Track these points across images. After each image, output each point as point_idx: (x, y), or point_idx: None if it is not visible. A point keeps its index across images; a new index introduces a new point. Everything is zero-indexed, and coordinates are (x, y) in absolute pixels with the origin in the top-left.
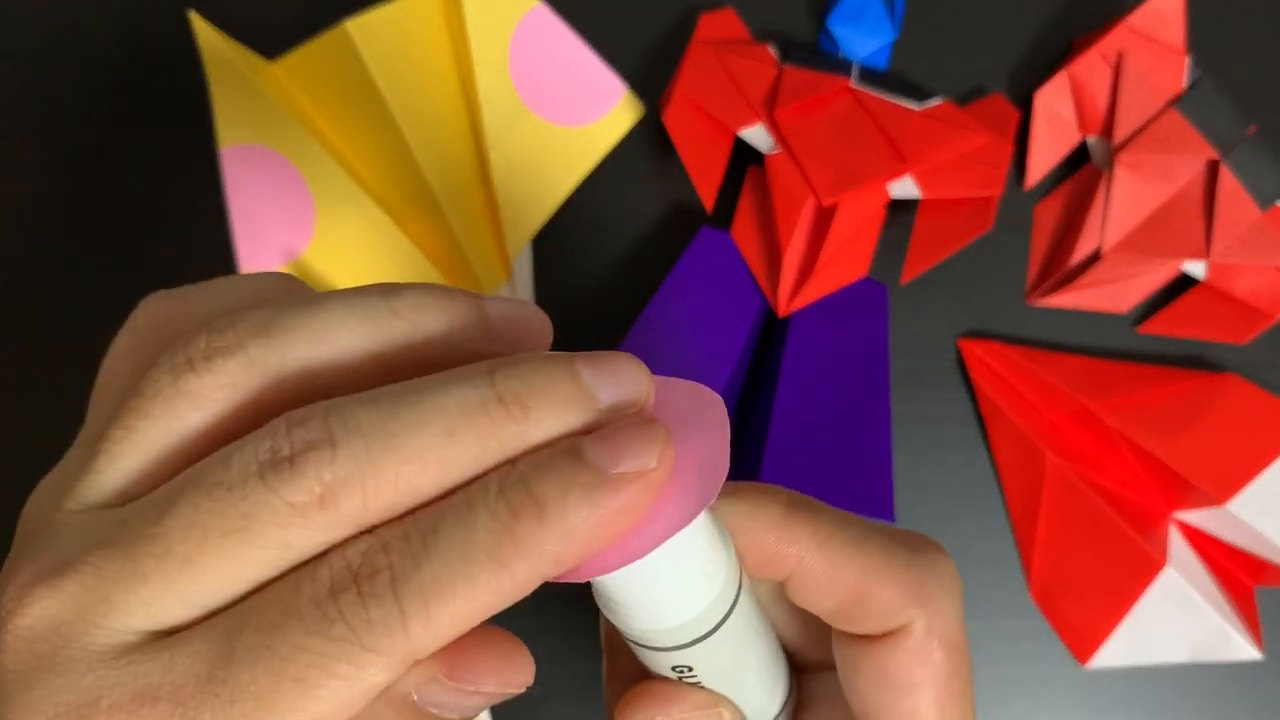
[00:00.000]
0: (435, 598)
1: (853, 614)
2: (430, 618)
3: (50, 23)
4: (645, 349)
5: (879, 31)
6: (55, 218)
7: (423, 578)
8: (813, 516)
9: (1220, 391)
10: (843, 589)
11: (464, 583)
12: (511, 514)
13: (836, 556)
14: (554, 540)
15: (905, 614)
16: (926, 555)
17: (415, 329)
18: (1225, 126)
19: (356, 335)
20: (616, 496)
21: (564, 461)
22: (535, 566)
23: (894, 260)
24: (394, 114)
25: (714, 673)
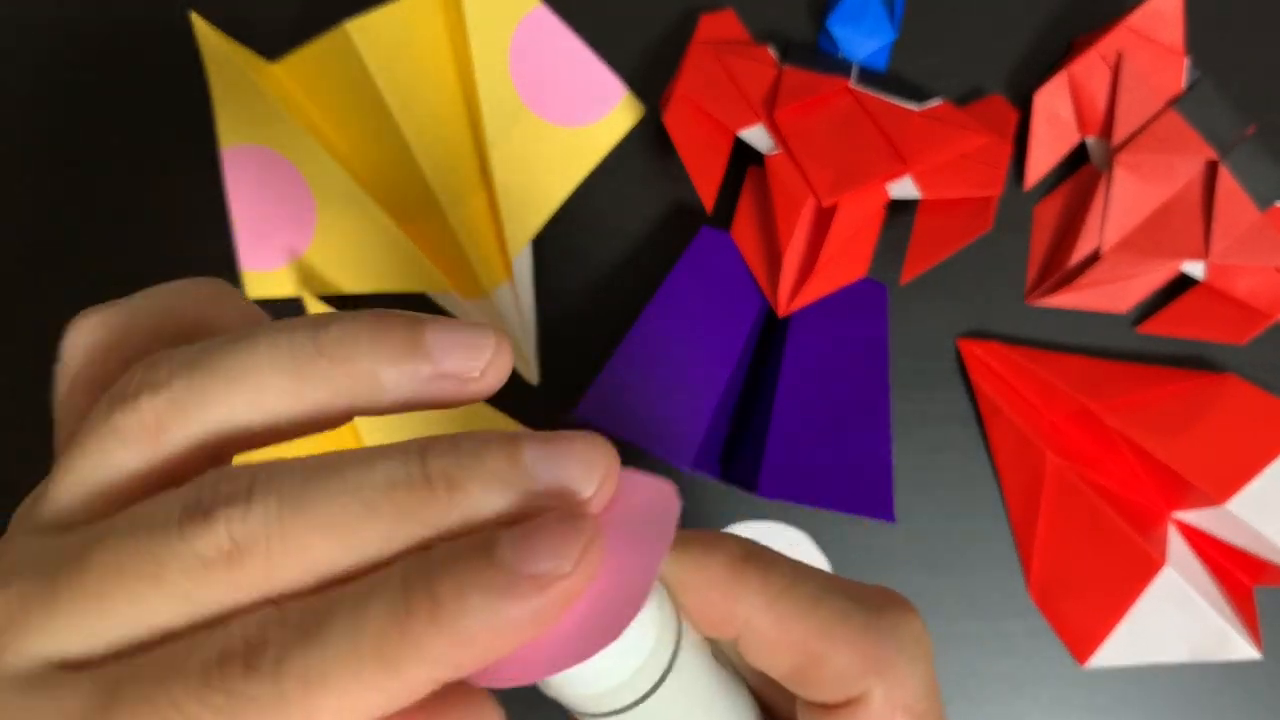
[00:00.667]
0: (317, 686)
1: (807, 679)
2: (310, 707)
3: (50, 23)
4: (645, 349)
5: (878, 32)
6: (55, 218)
7: (308, 662)
8: (763, 571)
9: (1219, 392)
10: (794, 652)
11: (348, 676)
12: (406, 610)
13: (786, 616)
14: (446, 645)
15: (862, 683)
16: (889, 617)
17: (339, 365)
18: (1224, 127)
19: (279, 374)
20: (522, 603)
21: (471, 556)
22: (428, 671)
23: (894, 260)
24: (394, 114)
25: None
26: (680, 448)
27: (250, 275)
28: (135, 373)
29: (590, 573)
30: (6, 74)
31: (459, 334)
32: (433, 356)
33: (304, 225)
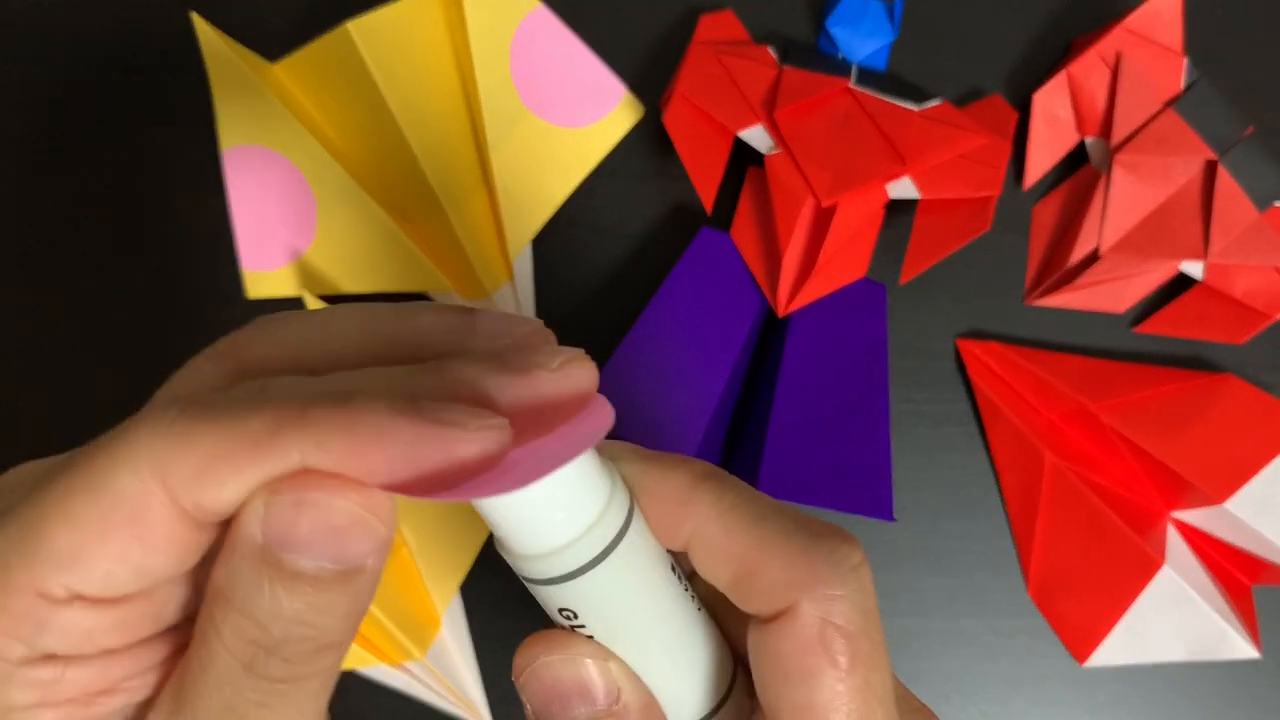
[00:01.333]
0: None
1: (744, 590)
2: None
3: (50, 23)
4: (645, 349)
5: (878, 33)
6: (55, 218)
7: (212, 400)
8: (719, 488)
9: (1218, 391)
10: (735, 563)
11: (237, 419)
12: (321, 394)
13: (732, 529)
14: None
15: (791, 594)
16: (829, 542)
17: (404, 322)
18: (1223, 127)
19: (347, 320)
20: (413, 422)
21: (394, 388)
22: (301, 440)
23: (893, 260)
24: (395, 114)
25: (597, 622)
26: (680, 447)
27: (250, 275)
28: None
29: (488, 442)
30: (5, 74)
31: (506, 318)
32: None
33: (304, 225)
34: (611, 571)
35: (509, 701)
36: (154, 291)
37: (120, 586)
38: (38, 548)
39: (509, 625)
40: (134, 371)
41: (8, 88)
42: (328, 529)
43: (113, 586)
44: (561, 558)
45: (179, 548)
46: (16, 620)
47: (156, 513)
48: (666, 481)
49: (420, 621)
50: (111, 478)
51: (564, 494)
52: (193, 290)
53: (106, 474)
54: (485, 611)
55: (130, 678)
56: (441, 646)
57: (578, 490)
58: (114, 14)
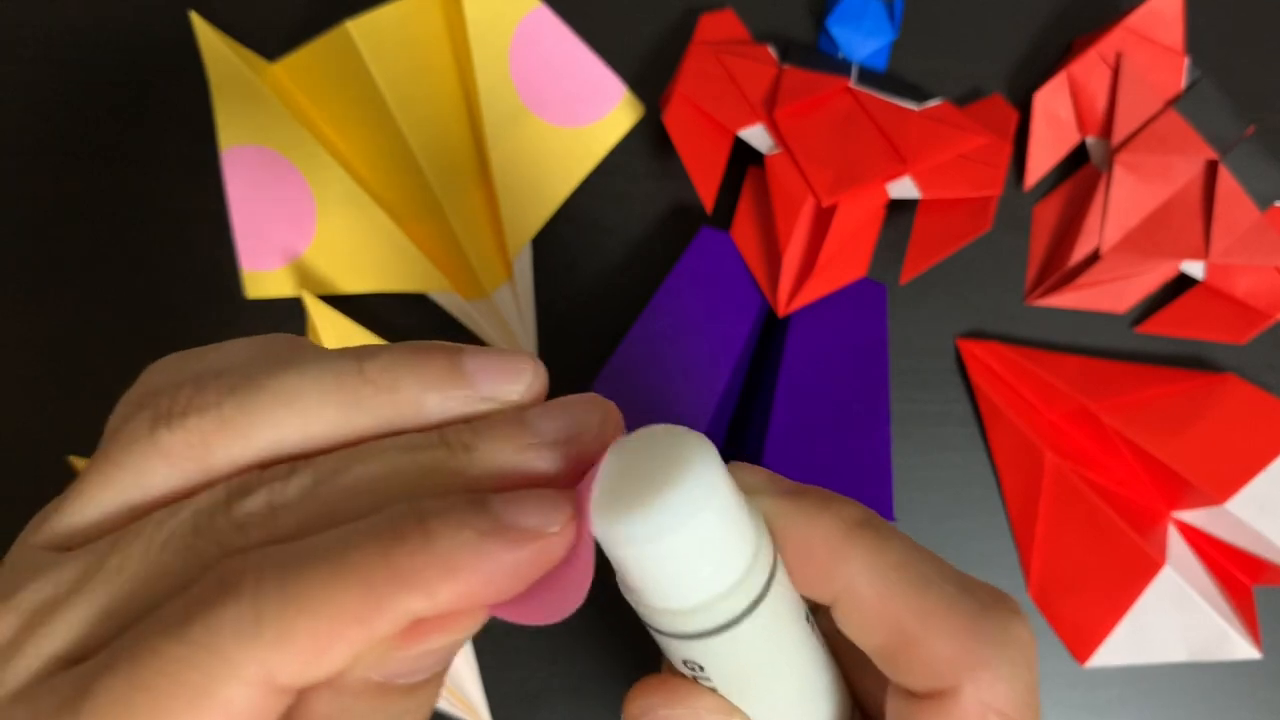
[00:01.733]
0: (295, 609)
1: (898, 660)
2: (287, 632)
3: (50, 24)
4: (645, 349)
5: (878, 32)
6: (55, 218)
7: (285, 585)
8: (878, 541)
9: (1219, 391)
10: (890, 629)
11: (328, 601)
12: (395, 537)
13: (891, 590)
14: (432, 574)
15: (953, 676)
16: (996, 616)
17: (384, 393)
18: (1224, 127)
19: (325, 399)
20: (507, 548)
21: (463, 504)
22: (407, 601)
23: (894, 260)
24: (394, 114)
25: (727, 679)
26: None
27: (250, 275)
28: (182, 391)
29: (570, 536)
30: (5, 74)
31: (497, 359)
32: (473, 382)
33: (304, 225)
34: (749, 632)
35: (509, 702)
36: (153, 291)
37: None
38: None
39: (509, 625)
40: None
41: (7, 87)
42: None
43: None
44: (698, 616)
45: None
46: None
47: (265, 714)
48: (814, 527)
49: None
50: (216, 697)
51: (710, 549)
52: (192, 290)
53: (209, 693)
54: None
55: None
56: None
57: (724, 546)
58: (114, 14)
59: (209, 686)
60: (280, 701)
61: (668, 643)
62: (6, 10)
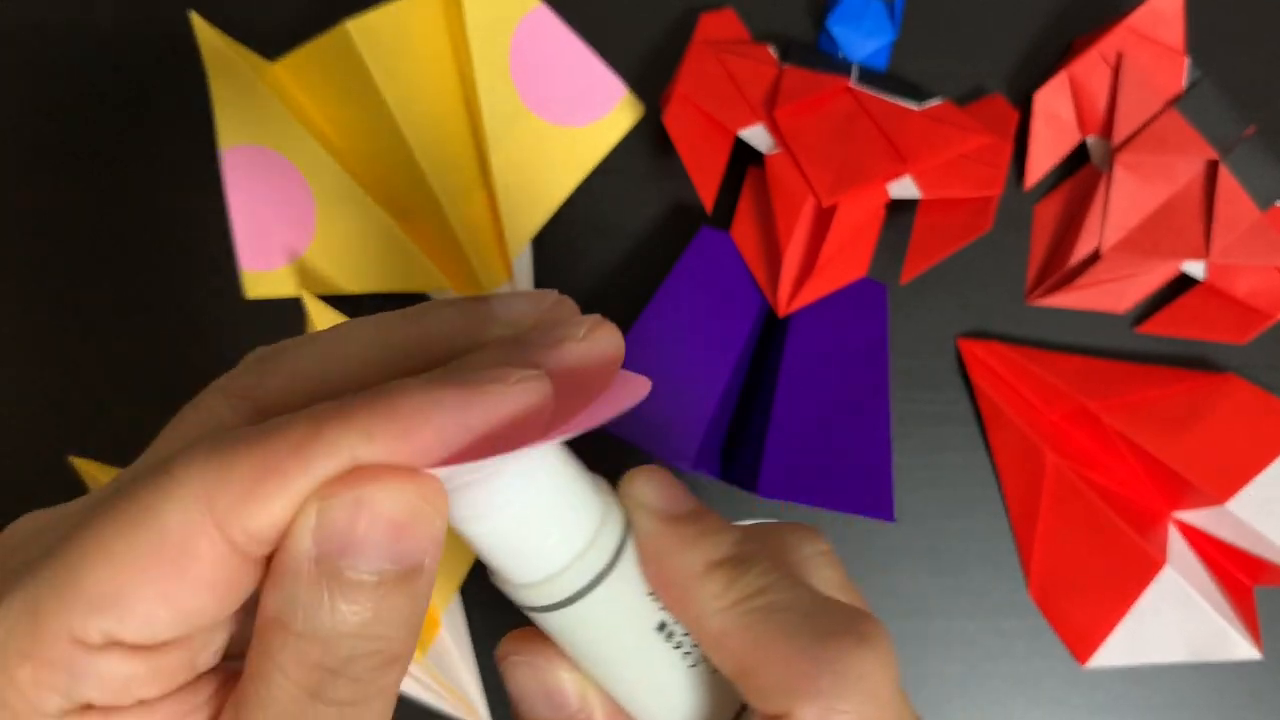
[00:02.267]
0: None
1: (745, 685)
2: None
3: (50, 23)
4: (645, 349)
5: (879, 32)
6: (55, 219)
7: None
8: (731, 577)
9: (1220, 391)
10: (732, 657)
11: (272, 429)
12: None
13: (733, 624)
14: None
15: (786, 702)
16: (837, 645)
17: (415, 321)
18: (1224, 127)
19: (364, 329)
20: (459, 393)
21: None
22: (344, 433)
23: (894, 260)
24: (394, 114)
25: (567, 650)
26: (680, 448)
27: (250, 275)
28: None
29: (533, 394)
30: (4, 73)
31: (525, 296)
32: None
33: (304, 225)
34: (578, 616)
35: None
36: (152, 291)
37: (161, 632)
38: (74, 591)
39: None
40: (132, 372)
41: (7, 87)
42: (387, 526)
43: (153, 632)
44: (530, 592)
45: (224, 587)
46: (52, 669)
47: (203, 546)
48: (674, 558)
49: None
50: (154, 511)
51: (532, 532)
52: (192, 290)
53: (148, 508)
54: (485, 611)
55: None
56: (441, 647)
57: (548, 532)
58: (113, 13)
59: (152, 504)
60: (242, 565)
61: (525, 612)
62: (6, 10)
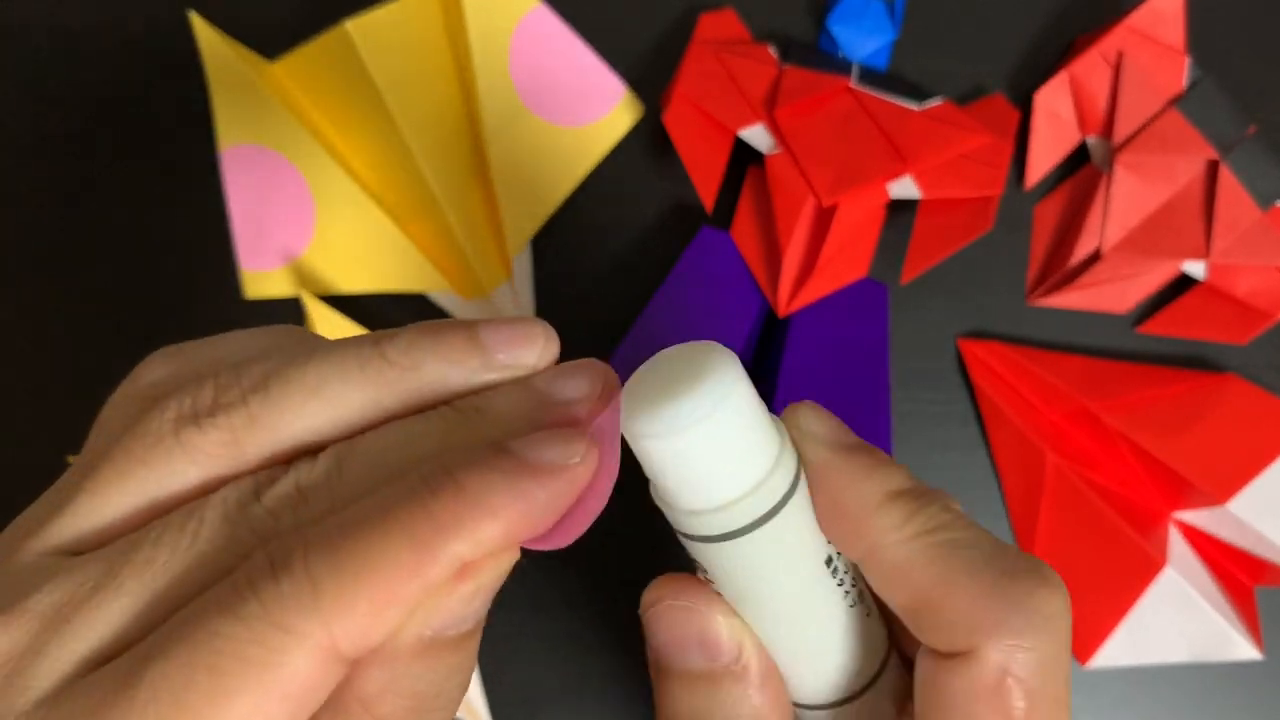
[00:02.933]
0: (350, 575)
1: (921, 620)
2: (347, 597)
3: (49, 24)
4: (645, 349)
5: (879, 31)
6: (54, 218)
7: (337, 552)
8: (909, 511)
9: (1220, 392)
10: (911, 590)
11: (382, 563)
12: (430, 492)
13: (914, 557)
14: (472, 520)
15: (972, 637)
16: (1022, 583)
17: (408, 373)
18: (1225, 126)
19: (349, 385)
20: (538, 481)
21: (485, 451)
22: (455, 548)
23: (894, 260)
24: (394, 114)
25: (726, 588)
26: None
27: (250, 275)
28: (204, 389)
29: (592, 464)
30: (4, 74)
31: (509, 329)
32: (490, 352)
33: (304, 225)
34: (748, 548)
35: (509, 702)
36: (153, 291)
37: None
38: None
39: (509, 625)
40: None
41: (5, 87)
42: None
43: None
44: (703, 519)
45: (326, 691)
46: None
47: (328, 681)
48: (849, 489)
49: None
50: (285, 667)
51: (715, 457)
52: (192, 290)
53: (278, 666)
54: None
55: None
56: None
57: (730, 457)
58: (113, 13)
59: (273, 659)
60: (340, 670)
61: (685, 544)
62: (5, 9)
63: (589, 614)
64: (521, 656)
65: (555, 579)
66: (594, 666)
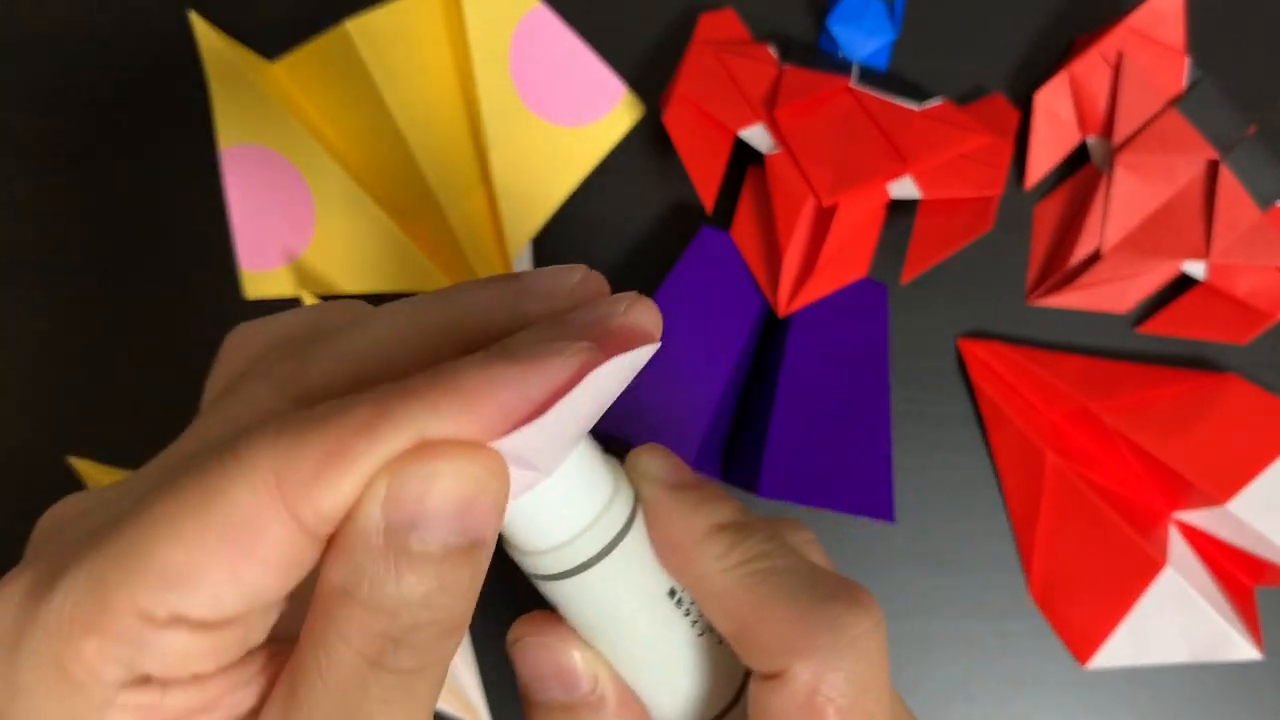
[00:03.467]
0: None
1: (741, 644)
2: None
3: (49, 23)
4: None
5: (879, 31)
6: (54, 218)
7: (310, 396)
8: (732, 541)
9: (1220, 392)
10: (732, 617)
11: (341, 408)
12: (406, 367)
13: (734, 585)
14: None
15: (784, 659)
16: (832, 607)
17: (453, 307)
18: (1225, 127)
19: (398, 321)
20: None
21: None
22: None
23: (894, 260)
24: (394, 114)
25: (580, 626)
26: (680, 448)
27: (249, 275)
28: (272, 351)
29: (581, 358)
30: (4, 73)
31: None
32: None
33: (303, 225)
34: (588, 584)
35: (509, 702)
36: (152, 291)
37: (226, 608)
38: (142, 567)
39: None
40: (132, 372)
41: (6, 87)
42: (455, 500)
43: (218, 609)
44: (542, 559)
45: (289, 564)
46: (116, 641)
47: (272, 526)
48: (678, 523)
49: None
50: (224, 492)
51: (547, 504)
52: (192, 290)
53: (217, 489)
54: (485, 611)
55: (226, 694)
56: None
57: (563, 502)
58: (113, 13)
59: (222, 485)
60: (307, 544)
61: (534, 583)
62: (5, 9)
63: None
64: None
65: None
66: None
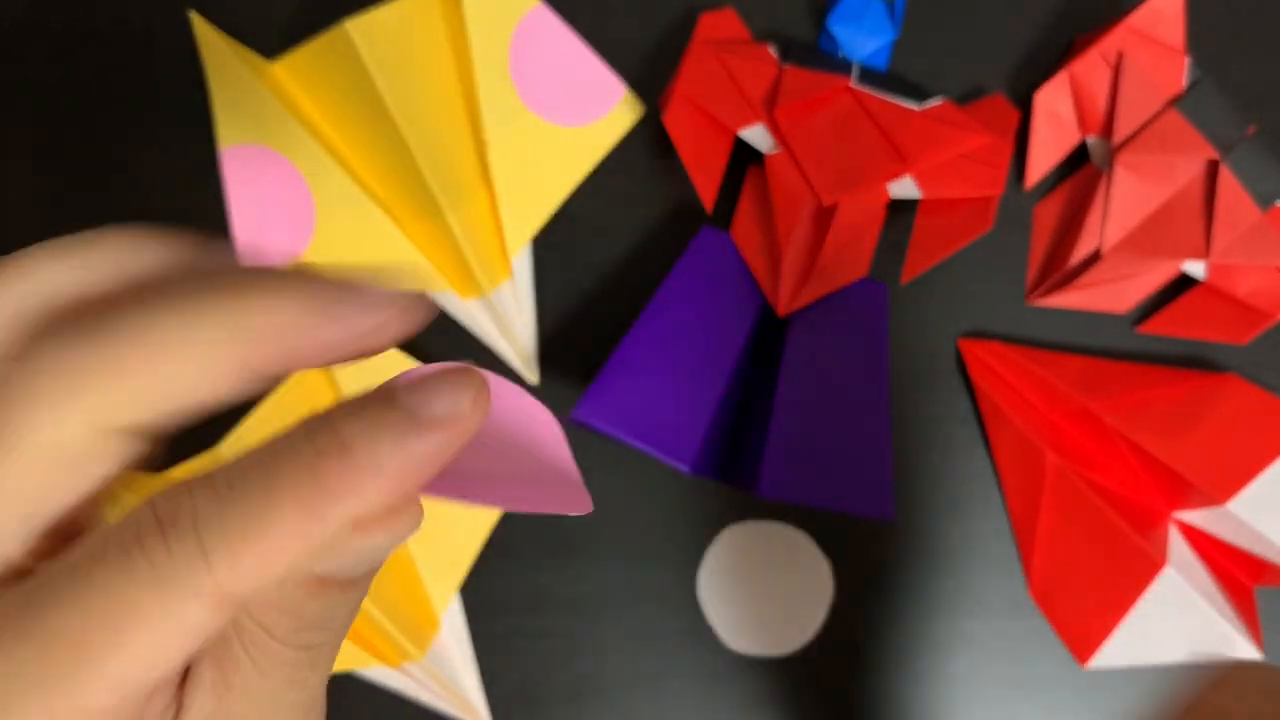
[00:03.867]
0: (238, 537)
1: None
2: (235, 557)
3: (49, 23)
4: (645, 349)
5: (879, 31)
6: (54, 218)
7: (224, 516)
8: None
9: (1220, 392)
10: None
11: (269, 524)
12: (315, 454)
13: None
14: (358, 481)
15: None
16: None
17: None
18: (1225, 127)
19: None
20: (425, 437)
21: (373, 404)
22: (342, 509)
23: (894, 260)
24: (394, 114)
25: None
26: (681, 448)
27: None
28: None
29: (484, 410)
30: (6, 74)
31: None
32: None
33: (303, 225)
34: None
35: (509, 702)
36: None
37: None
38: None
39: (509, 625)
40: None
41: (7, 86)
42: (382, 554)
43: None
44: None
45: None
46: None
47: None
48: None
49: (419, 622)
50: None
51: None
52: None
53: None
54: (485, 611)
55: None
56: (440, 647)
57: None
58: (113, 13)
59: (167, 608)
60: (232, 610)
61: None
62: (5, 10)
63: (589, 614)
64: (521, 657)
65: (554, 579)
66: (593, 667)
